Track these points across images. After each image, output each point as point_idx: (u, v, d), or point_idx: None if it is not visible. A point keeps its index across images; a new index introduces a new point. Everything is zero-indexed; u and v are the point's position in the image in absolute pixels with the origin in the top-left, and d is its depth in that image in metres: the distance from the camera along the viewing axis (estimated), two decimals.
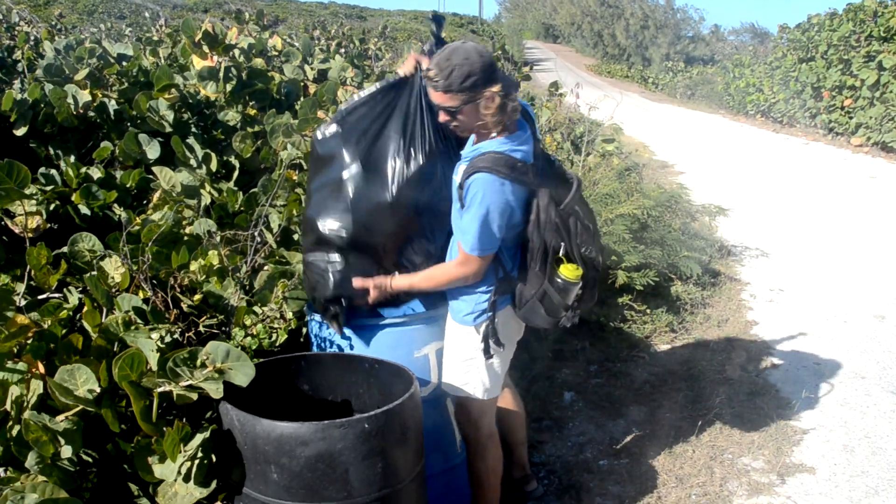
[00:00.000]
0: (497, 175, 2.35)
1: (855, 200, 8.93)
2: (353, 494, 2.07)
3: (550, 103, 8.43)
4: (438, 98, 2.37)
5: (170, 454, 2.00)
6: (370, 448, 2.06)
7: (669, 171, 10.99)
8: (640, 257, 5.13)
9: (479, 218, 2.37)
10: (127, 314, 2.23)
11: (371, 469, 2.08)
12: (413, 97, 2.60)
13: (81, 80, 3.63)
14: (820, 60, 15.14)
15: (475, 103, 2.34)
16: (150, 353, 2.02)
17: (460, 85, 2.30)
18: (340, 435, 2.03)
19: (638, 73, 34.03)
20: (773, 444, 3.64)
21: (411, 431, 2.22)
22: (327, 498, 2.05)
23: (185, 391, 1.96)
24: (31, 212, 2.56)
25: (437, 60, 2.33)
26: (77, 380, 1.96)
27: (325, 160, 2.64)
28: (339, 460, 2.03)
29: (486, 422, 2.77)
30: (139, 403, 1.97)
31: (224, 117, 3.82)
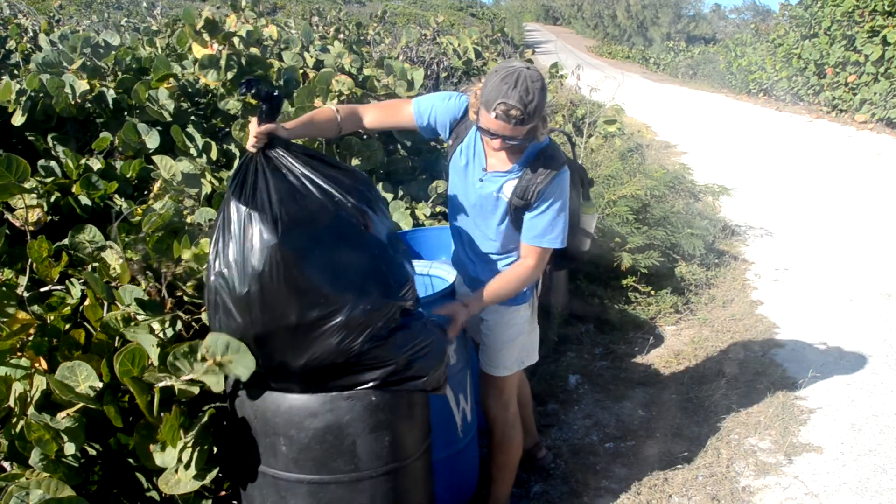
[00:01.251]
0: (565, 169, 2.50)
1: (860, 178, 8.88)
2: (361, 468, 2.07)
3: (551, 85, 8.38)
4: (511, 131, 2.29)
5: (169, 440, 2.00)
6: (377, 421, 2.06)
7: (672, 151, 10.94)
8: (643, 238, 5.11)
9: (562, 213, 2.50)
10: (127, 309, 2.22)
11: (378, 442, 2.08)
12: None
13: (76, 69, 3.61)
14: (823, 37, 15.01)
15: (534, 130, 2.37)
16: (151, 349, 2.01)
17: (539, 116, 2.31)
18: (348, 407, 2.03)
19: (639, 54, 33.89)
20: (780, 424, 3.63)
21: (418, 408, 2.23)
22: (335, 470, 2.06)
23: (186, 385, 1.95)
24: (31, 205, 2.54)
25: (518, 95, 2.21)
26: (78, 376, 1.96)
27: None
28: (346, 432, 2.03)
29: (514, 400, 2.89)
30: (143, 398, 1.96)
31: (224, 106, 3.79)
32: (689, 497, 3.15)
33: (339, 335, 1.96)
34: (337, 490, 2.08)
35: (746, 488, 3.19)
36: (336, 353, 1.97)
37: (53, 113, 3.40)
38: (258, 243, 1.92)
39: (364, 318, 1.98)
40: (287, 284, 1.92)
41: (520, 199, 2.47)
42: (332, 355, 1.98)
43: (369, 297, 2.00)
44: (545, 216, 2.48)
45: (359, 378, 2.04)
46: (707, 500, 3.12)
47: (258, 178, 2.03)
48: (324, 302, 1.95)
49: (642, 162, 7.31)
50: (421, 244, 3.59)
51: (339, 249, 2.02)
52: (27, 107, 3.32)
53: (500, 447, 2.91)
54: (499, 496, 3.00)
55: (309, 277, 1.94)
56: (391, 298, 2.05)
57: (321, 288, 1.95)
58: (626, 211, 5.19)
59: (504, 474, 2.96)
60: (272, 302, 1.93)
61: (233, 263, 1.95)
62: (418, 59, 7.03)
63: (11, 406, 1.94)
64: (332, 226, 2.02)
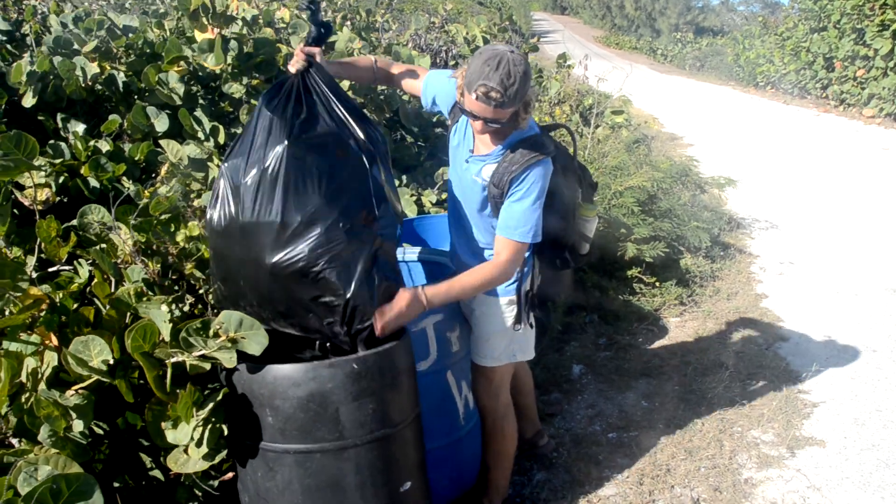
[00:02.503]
0: (546, 160, 2.43)
1: (867, 172, 8.86)
2: (345, 436, 2.11)
3: (559, 75, 8.36)
4: (492, 114, 2.30)
5: (184, 417, 2.02)
6: (360, 389, 2.10)
7: (678, 143, 10.92)
8: (649, 230, 5.11)
9: (536, 206, 2.42)
10: (137, 284, 2.23)
11: (362, 410, 2.11)
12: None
13: (89, 52, 3.60)
14: (832, 30, 14.95)
15: (517, 112, 2.37)
16: (163, 324, 2.02)
17: (521, 96, 2.29)
18: (330, 375, 2.07)
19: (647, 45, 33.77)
20: (783, 418, 3.64)
21: (403, 376, 2.26)
22: (319, 439, 2.10)
23: (198, 361, 1.97)
24: (40, 184, 2.55)
25: (499, 77, 2.22)
26: (91, 351, 1.97)
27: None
28: (329, 400, 2.08)
29: (504, 390, 2.85)
30: (152, 373, 1.98)
31: (229, 90, 3.79)
32: (691, 488, 3.16)
33: (312, 242, 2.09)
34: (322, 459, 2.12)
35: (749, 480, 3.20)
36: (304, 261, 2.09)
37: (64, 95, 3.40)
38: (269, 142, 2.12)
39: (341, 237, 2.11)
40: (284, 182, 2.10)
41: (495, 186, 2.45)
42: (299, 262, 2.09)
43: (351, 220, 2.14)
44: (517, 206, 2.42)
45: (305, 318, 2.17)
46: (709, 491, 3.13)
47: (290, 94, 2.22)
48: (309, 208, 2.10)
49: (649, 153, 7.29)
50: (427, 231, 3.59)
51: (338, 171, 2.17)
52: (38, 88, 3.32)
53: (491, 436, 2.90)
54: (496, 485, 2.99)
55: (303, 182, 2.11)
56: (371, 229, 2.19)
57: (310, 195, 2.11)
58: (632, 202, 5.19)
59: (498, 463, 2.95)
60: (263, 195, 2.10)
61: (242, 154, 2.15)
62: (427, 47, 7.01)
63: (24, 381, 1.95)
64: (337, 149, 2.19)
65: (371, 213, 2.20)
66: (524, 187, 2.40)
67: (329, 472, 2.12)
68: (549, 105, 7.63)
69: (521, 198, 2.41)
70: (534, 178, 2.40)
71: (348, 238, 2.12)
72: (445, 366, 2.80)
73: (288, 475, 2.12)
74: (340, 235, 2.11)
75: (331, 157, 2.17)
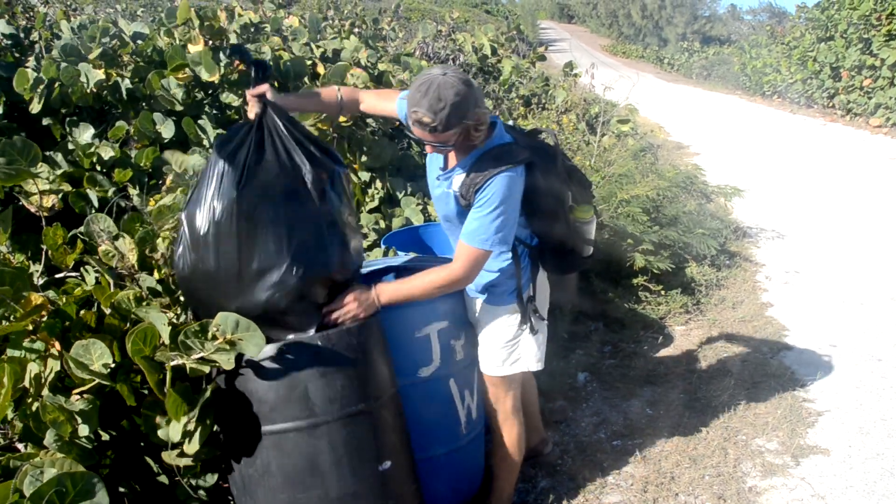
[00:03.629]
0: (511, 170, 2.40)
1: (873, 182, 8.84)
2: (317, 412, 2.15)
3: (565, 84, 8.38)
4: (429, 137, 2.34)
5: (173, 414, 2.04)
6: (326, 366, 2.16)
7: (685, 151, 10.92)
8: (655, 238, 5.11)
9: (497, 215, 2.40)
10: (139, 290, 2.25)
11: (330, 387, 2.16)
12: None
13: (95, 59, 3.63)
14: (839, 40, 14.94)
15: (465, 133, 2.36)
16: (163, 328, 2.03)
17: (458, 122, 2.29)
18: (296, 352, 2.14)
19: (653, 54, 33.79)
20: (788, 426, 3.63)
21: (373, 352, 2.30)
22: (291, 417, 2.14)
23: (197, 364, 1.98)
24: (45, 190, 2.56)
25: (428, 103, 2.25)
26: (92, 354, 1.98)
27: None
28: (298, 378, 2.14)
29: (514, 398, 2.85)
30: (153, 377, 1.99)
31: (226, 99, 3.81)
32: (695, 496, 3.15)
33: (269, 290, 2.14)
34: (296, 438, 2.15)
35: (753, 489, 3.19)
36: (265, 304, 2.14)
37: (70, 101, 3.43)
38: (221, 192, 2.13)
39: (295, 281, 2.15)
40: (237, 233, 2.12)
41: (463, 198, 2.46)
42: (261, 306, 2.14)
43: (304, 263, 2.17)
44: (478, 213, 2.41)
45: (275, 334, 2.19)
46: (713, 499, 3.12)
47: (243, 139, 2.22)
48: (262, 256, 2.14)
49: (655, 162, 7.30)
50: (433, 240, 3.61)
51: (288, 216, 2.17)
52: (43, 94, 3.35)
53: (499, 444, 2.90)
54: (501, 492, 2.99)
55: (254, 231, 2.13)
56: (328, 270, 2.24)
57: (265, 244, 2.14)
58: (638, 211, 5.19)
59: (505, 471, 2.95)
60: (221, 246, 2.13)
61: (199, 204, 2.15)
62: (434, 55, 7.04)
63: (27, 387, 1.96)
64: (288, 193, 2.18)
65: (324, 253, 2.24)
66: (486, 196, 2.39)
67: (304, 451, 2.16)
68: (555, 113, 7.65)
69: (481, 206, 2.41)
70: (495, 188, 2.38)
71: (302, 282, 2.17)
72: (448, 373, 2.78)
73: (265, 459, 2.17)
74: (294, 280, 2.15)
75: (279, 204, 2.17)
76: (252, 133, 2.23)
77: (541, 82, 8.30)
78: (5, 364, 1.91)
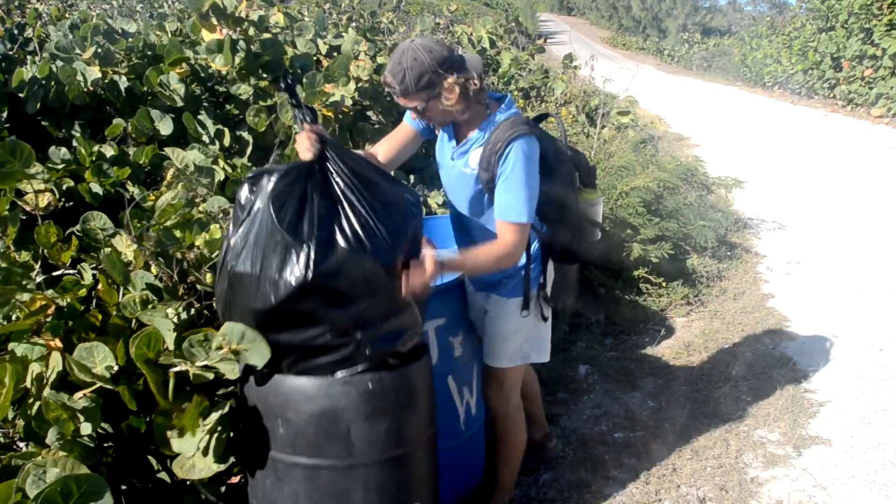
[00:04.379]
0: (528, 135, 2.40)
1: (874, 172, 8.82)
2: (355, 454, 2.06)
3: (565, 76, 8.36)
4: (402, 101, 2.39)
5: (189, 428, 2.01)
6: (373, 408, 2.05)
7: (685, 143, 10.89)
8: (655, 230, 5.10)
9: (521, 185, 2.38)
10: (144, 292, 2.24)
11: (374, 430, 2.06)
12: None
13: (90, 57, 3.62)
14: (840, 30, 14.89)
15: (437, 98, 2.36)
16: (167, 333, 2.02)
17: (416, 86, 2.31)
18: (343, 392, 2.03)
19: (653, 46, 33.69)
20: (790, 417, 3.63)
21: (420, 397, 2.20)
22: (329, 455, 2.06)
23: (201, 371, 1.96)
24: (39, 189, 2.55)
25: (390, 67, 2.33)
26: (95, 357, 1.97)
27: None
28: (341, 417, 2.03)
29: (515, 394, 2.85)
30: (156, 382, 1.97)
31: (237, 91, 3.80)
32: (697, 487, 3.15)
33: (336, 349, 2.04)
34: (330, 475, 2.07)
35: (755, 479, 3.19)
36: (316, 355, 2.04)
37: (66, 100, 3.42)
38: (284, 270, 1.95)
39: (355, 348, 2.04)
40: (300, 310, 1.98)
41: (485, 170, 2.44)
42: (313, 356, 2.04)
43: (370, 332, 2.04)
44: (506, 185, 2.39)
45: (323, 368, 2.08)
46: (715, 490, 3.12)
47: (303, 196, 2.03)
48: (323, 329, 2.01)
49: (655, 154, 7.27)
50: (433, 233, 3.59)
51: (358, 294, 2.02)
52: (40, 94, 3.34)
53: (502, 440, 2.91)
54: (503, 487, 3.00)
55: (318, 312, 1.99)
56: (394, 341, 2.11)
57: (325, 320, 2.00)
58: (638, 202, 5.18)
59: (507, 465, 2.96)
60: (278, 318, 1.99)
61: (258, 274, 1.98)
62: None
63: (28, 387, 1.96)
64: (357, 271, 2.01)
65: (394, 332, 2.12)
66: (509, 165, 2.38)
67: (336, 489, 2.09)
68: (555, 106, 7.63)
69: (507, 176, 2.39)
70: (518, 152, 2.37)
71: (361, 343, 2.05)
72: (447, 370, 2.79)
73: (296, 487, 2.10)
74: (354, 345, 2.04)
75: (347, 281, 2.00)
76: (311, 187, 2.05)
77: (540, 74, 8.28)
78: (7, 364, 1.90)
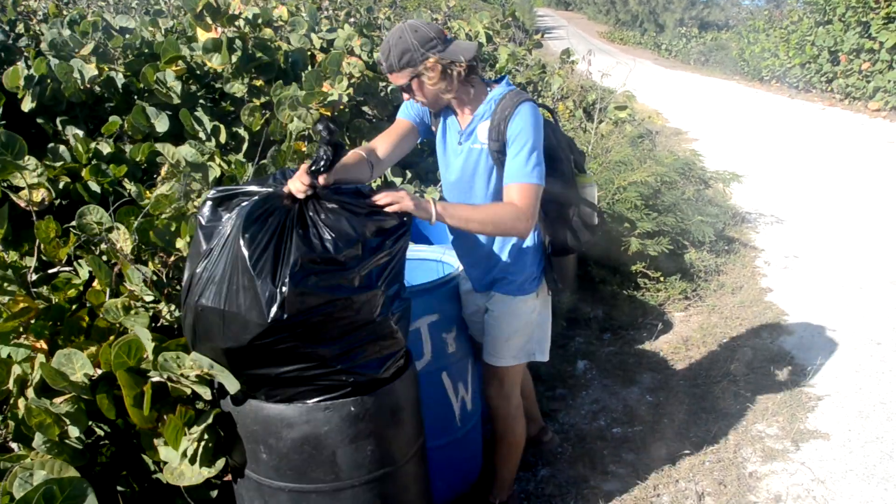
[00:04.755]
0: (534, 103, 2.42)
1: (872, 166, 8.81)
2: (342, 477, 2.02)
3: (562, 71, 8.34)
4: (391, 78, 2.44)
5: (171, 442, 1.98)
6: (357, 431, 2.00)
7: (683, 137, 10.89)
8: (653, 224, 5.09)
9: (532, 147, 2.36)
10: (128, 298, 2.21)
11: (360, 452, 2.02)
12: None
13: (87, 54, 3.61)
14: (837, 23, 14.87)
15: (419, 77, 2.38)
16: (147, 343, 1.99)
17: (399, 63, 2.35)
18: (325, 418, 1.97)
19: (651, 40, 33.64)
20: (788, 411, 3.62)
21: (405, 412, 2.15)
22: (315, 480, 2.01)
23: (177, 385, 1.95)
24: (33, 184, 2.54)
25: (382, 45, 2.41)
26: (74, 364, 1.95)
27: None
28: (324, 443, 1.98)
29: (516, 392, 2.84)
30: (130, 393, 1.93)
31: (230, 89, 3.80)
32: (695, 482, 3.15)
33: (315, 380, 1.97)
34: (318, 499, 2.03)
35: (753, 474, 3.19)
36: (304, 381, 1.97)
37: (63, 97, 3.41)
38: (253, 312, 1.85)
39: (336, 379, 1.97)
40: (274, 347, 1.89)
41: (495, 140, 2.42)
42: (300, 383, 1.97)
43: (351, 364, 1.98)
44: (516, 149, 2.37)
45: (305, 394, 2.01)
46: (714, 485, 3.12)
47: (278, 234, 1.90)
48: (300, 364, 1.93)
49: (653, 148, 7.26)
50: (429, 230, 3.59)
51: (336, 328, 1.94)
52: (36, 92, 3.32)
53: (502, 439, 2.89)
54: (502, 484, 3.00)
55: (294, 349, 1.91)
56: (377, 370, 2.05)
57: (302, 357, 1.93)
58: (635, 197, 5.17)
59: (507, 462, 2.96)
60: (251, 355, 1.91)
61: (226, 311, 1.88)
62: None
63: (10, 388, 1.95)
64: (333, 306, 1.91)
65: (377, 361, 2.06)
66: (518, 127, 2.36)
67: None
68: (552, 101, 7.62)
69: (517, 140, 2.37)
70: (526, 115, 2.37)
71: (349, 371, 1.99)
72: (441, 367, 2.79)
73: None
74: (342, 374, 1.98)
75: (323, 317, 1.91)
76: (289, 215, 1.94)
77: (537, 70, 8.26)
78: None
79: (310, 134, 3.65)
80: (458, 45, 2.38)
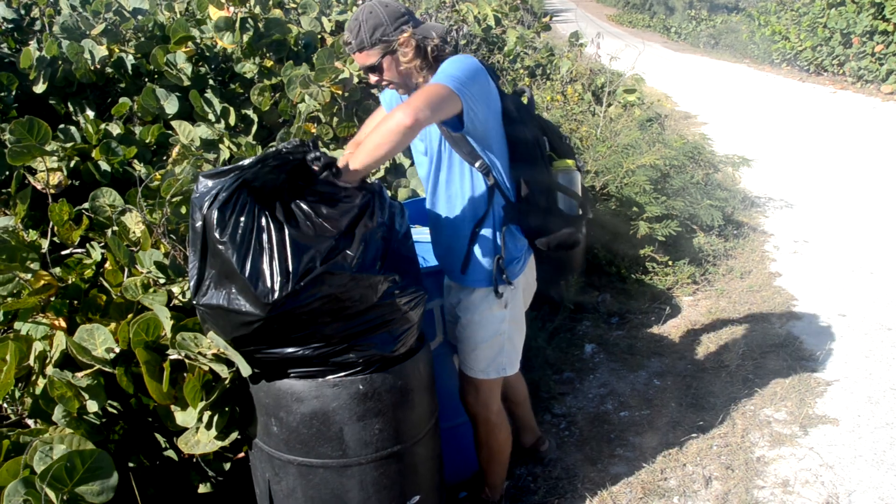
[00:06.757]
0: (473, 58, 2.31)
1: (884, 150, 8.74)
2: (349, 454, 2.06)
3: (571, 54, 8.30)
4: (359, 60, 2.33)
5: (190, 401, 2.02)
6: (365, 409, 2.03)
7: (692, 121, 10.82)
8: (661, 208, 5.08)
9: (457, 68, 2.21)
10: (147, 276, 2.23)
11: (367, 430, 2.05)
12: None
13: (98, 35, 3.61)
14: (850, 5, 14.69)
15: (392, 54, 2.30)
16: (166, 321, 2.01)
17: (371, 38, 2.27)
18: (334, 394, 2.01)
19: (660, 23, 33.37)
20: (796, 396, 3.63)
21: (416, 393, 2.16)
22: (322, 455, 2.06)
23: (195, 363, 1.97)
24: (52, 168, 2.56)
25: (348, 24, 2.31)
26: (96, 339, 1.98)
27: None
28: (332, 419, 2.02)
29: (495, 399, 2.71)
30: (149, 369, 1.97)
31: (241, 69, 3.79)
32: (703, 466, 3.16)
33: (326, 358, 2.00)
34: (325, 474, 2.08)
35: (761, 458, 3.20)
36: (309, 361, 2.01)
37: (74, 79, 3.41)
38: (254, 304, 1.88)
39: (345, 358, 2.01)
40: (281, 331, 1.94)
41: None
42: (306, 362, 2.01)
43: (360, 343, 2.02)
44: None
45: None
46: (721, 469, 3.13)
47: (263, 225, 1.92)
48: (309, 345, 1.98)
49: (662, 132, 7.23)
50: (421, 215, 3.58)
51: (339, 309, 1.96)
52: (48, 73, 3.33)
53: (484, 444, 2.79)
54: (492, 482, 2.91)
55: (301, 330, 1.95)
56: (386, 349, 2.07)
57: (310, 338, 1.97)
58: (644, 180, 5.16)
59: (492, 466, 2.86)
60: (259, 338, 1.94)
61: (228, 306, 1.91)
62: None
63: (31, 364, 1.97)
64: (334, 288, 1.94)
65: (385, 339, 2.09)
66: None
67: (332, 487, 2.09)
68: (560, 84, 7.58)
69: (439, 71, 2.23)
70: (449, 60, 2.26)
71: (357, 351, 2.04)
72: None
73: (292, 483, 2.11)
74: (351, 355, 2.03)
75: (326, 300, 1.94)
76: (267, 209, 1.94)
77: (546, 53, 8.21)
78: (10, 342, 1.91)
79: (318, 116, 3.65)
80: (427, 24, 2.33)
